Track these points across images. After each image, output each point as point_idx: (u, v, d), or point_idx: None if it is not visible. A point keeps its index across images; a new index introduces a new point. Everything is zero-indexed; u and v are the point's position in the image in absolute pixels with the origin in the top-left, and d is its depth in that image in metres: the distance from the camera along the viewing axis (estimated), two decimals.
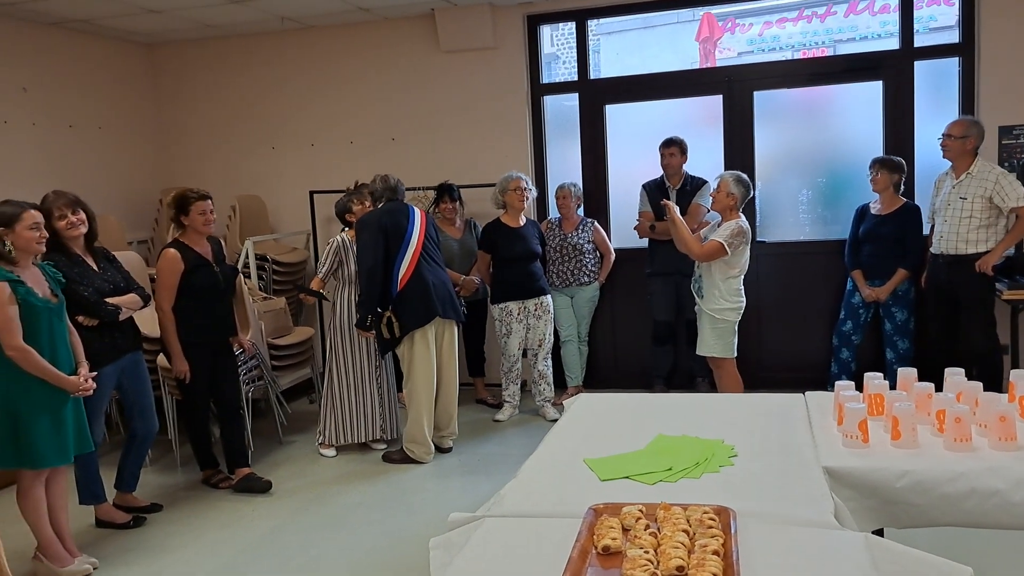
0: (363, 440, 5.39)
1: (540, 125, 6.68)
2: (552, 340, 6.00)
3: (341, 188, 6.50)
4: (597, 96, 6.54)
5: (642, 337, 6.47)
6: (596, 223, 6.32)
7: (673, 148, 5.94)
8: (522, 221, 5.88)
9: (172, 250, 4.61)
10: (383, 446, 5.49)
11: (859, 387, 3.10)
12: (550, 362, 6.02)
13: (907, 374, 3.09)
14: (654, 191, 6.04)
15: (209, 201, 4.66)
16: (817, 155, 6.21)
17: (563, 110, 6.73)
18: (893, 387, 3.10)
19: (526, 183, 5.82)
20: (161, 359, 5.08)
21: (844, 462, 2.62)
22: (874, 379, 3.03)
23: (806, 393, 3.42)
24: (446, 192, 6.11)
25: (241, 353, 5.16)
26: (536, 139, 6.68)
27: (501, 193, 5.85)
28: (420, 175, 6.62)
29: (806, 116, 6.25)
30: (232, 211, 6.85)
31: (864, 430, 2.73)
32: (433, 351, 5.13)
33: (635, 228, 6.11)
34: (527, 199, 5.85)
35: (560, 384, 6.42)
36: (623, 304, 6.59)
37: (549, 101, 6.72)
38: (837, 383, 3.07)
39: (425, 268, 5.06)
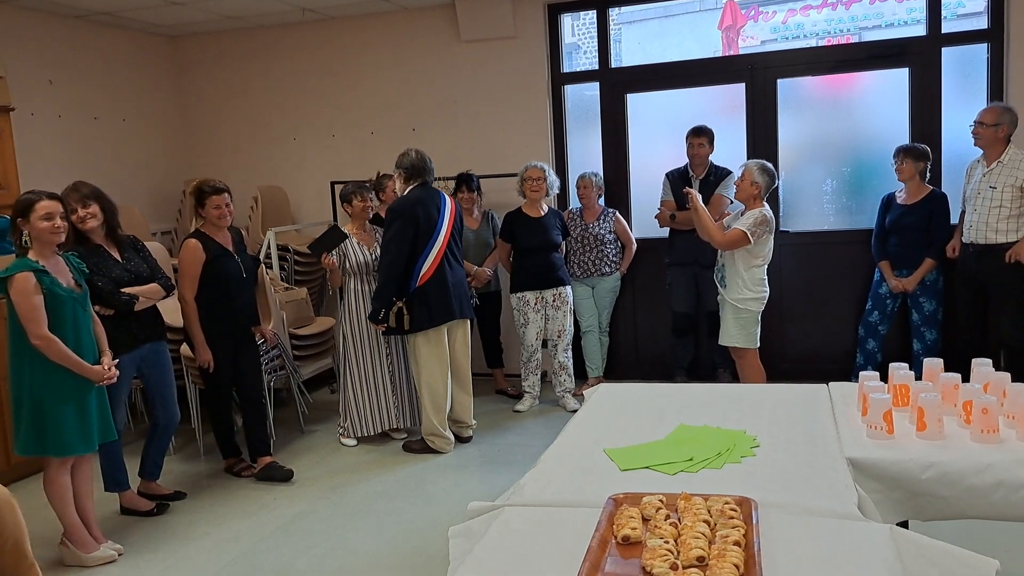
0: (380, 430, 5.40)
1: (561, 114, 6.65)
2: (572, 331, 5.98)
3: (362, 179, 6.51)
4: (618, 85, 6.50)
5: (663, 328, 6.45)
6: (617, 213, 6.29)
7: (703, 138, 5.89)
8: (543, 211, 5.86)
9: (193, 240, 4.63)
10: (403, 435, 5.50)
11: (884, 379, 3.06)
12: (570, 353, 6.00)
13: (933, 364, 3.05)
14: (677, 180, 6.00)
15: (226, 195, 4.67)
16: (842, 144, 6.14)
17: (584, 99, 6.70)
18: (920, 379, 3.06)
19: (545, 173, 5.79)
20: (185, 348, 5.11)
21: (868, 453, 2.60)
22: (899, 369, 2.99)
23: (830, 384, 3.39)
24: (464, 182, 6.09)
25: (263, 343, 5.18)
26: (557, 128, 6.65)
27: (519, 183, 5.85)
28: (440, 166, 6.56)
29: (831, 104, 6.19)
30: (254, 202, 6.88)
31: (889, 421, 2.69)
32: (446, 347, 5.11)
33: (656, 217, 6.08)
34: (548, 192, 5.83)
35: (581, 375, 6.40)
36: (644, 294, 6.56)
37: (570, 90, 6.69)
38: (861, 373, 3.04)
39: (447, 266, 5.03)
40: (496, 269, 6.21)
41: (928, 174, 5.48)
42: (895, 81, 5.95)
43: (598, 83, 6.55)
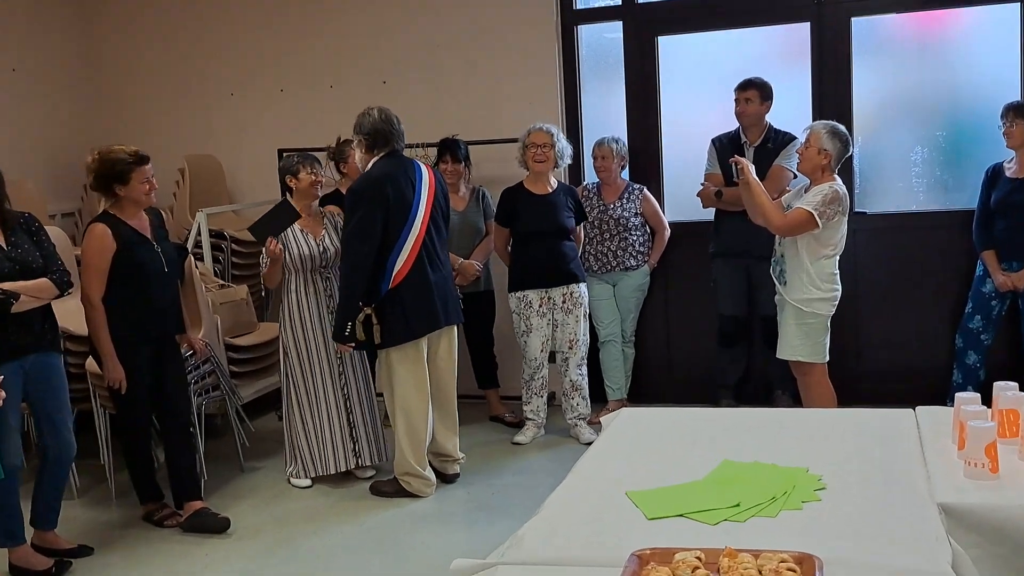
0: (341, 468, 5.40)
1: (574, 64, 6.65)
2: (587, 341, 5.99)
3: (319, 145, 6.51)
4: (647, 25, 6.50)
5: (705, 337, 6.45)
6: (645, 190, 6.29)
7: (751, 91, 5.89)
8: (551, 186, 5.86)
9: (100, 225, 4.62)
10: (371, 474, 5.50)
11: (988, 402, 3.06)
12: (585, 369, 6.01)
13: None
14: (726, 148, 6.00)
15: (149, 165, 4.67)
16: (935, 101, 6.14)
17: (603, 44, 6.70)
18: None
19: (554, 138, 5.79)
20: (91, 363, 5.11)
21: (966, 497, 2.62)
22: (1007, 390, 3.01)
23: (917, 408, 3.39)
24: (448, 149, 6.10)
25: (191, 356, 5.18)
26: (568, 82, 6.65)
27: (520, 150, 5.86)
28: (419, 128, 6.57)
29: (920, 50, 6.18)
30: (180, 175, 6.89)
31: (993, 456, 2.71)
32: (425, 362, 5.10)
33: (698, 195, 6.08)
34: (558, 162, 5.83)
35: (599, 397, 6.41)
36: (680, 294, 6.56)
37: (585, 32, 6.68)
38: (958, 395, 3.04)
39: (427, 259, 4.99)
40: (488, 263, 6.20)
41: None
42: (1005, 19, 5.94)
43: (621, 22, 6.55)
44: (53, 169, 7.15)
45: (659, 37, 6.50)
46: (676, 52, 6.54)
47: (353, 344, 4.99)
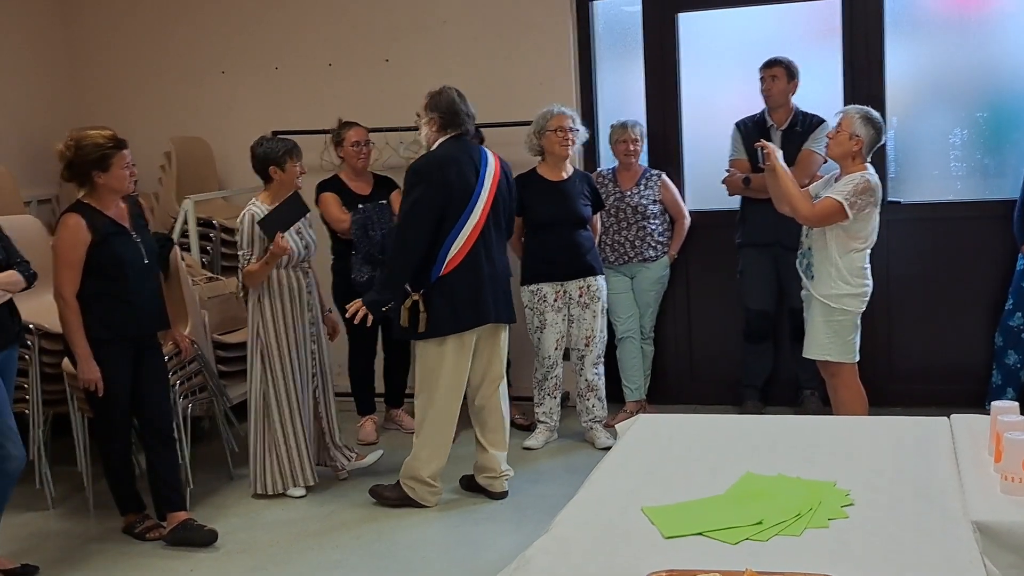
0: (313, 481, 5.43)
1: (588, 41, 6.66)
2: (605, 338, 6.00)
3: (316, 128, 6.52)
4: (667, 1, 6.50)
5: (729, 333, 6.47)
6: (664, 176, 6.30)
7: (777, 69, 5.92)
8: (567, 173, 5.88)
9: (74, 216, 4.63)
10: (344, 476, 5.61)
11: None
12: (602, 369, 6.03)
13: None
14: (751, 131, 6.02)
15: (128, 150, 4.70)
16: (975, 81, 6.14)
17: (621, 20, 6.72)
18: None
19: (572, 121, 5.80)
20: (67, 363, 5.13)
21: (1003, 515, 2.64)
22: None
23: (952, 416, 3.40)
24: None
25: (176, 354, 5.21)
26: (583, 61, 6.66)
27: (537, 135, 5.84)
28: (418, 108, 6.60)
29: (960, 26, 6.18)
30: (166, 159, 6.90)
31: None
32: (468, 362, 5.07)
33: (723, 182, 6.08)
34: (573, 144, 5.83)
35: (615, 398, 6.43)
36: (703, 287, 6.59)
37: (601, 8, 6.70)
38: (994, 404, 3.06)
39: (483, 251, 4.98)
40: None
41: None
42: None
43: None
44: (28, 153, 7.13)
45: (680, 14, 6.51)
46: (698, 30, 6.56)
47: (371, 321, 4.98)
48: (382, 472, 5.56)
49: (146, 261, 4.78)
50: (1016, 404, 3.04)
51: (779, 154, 5.06)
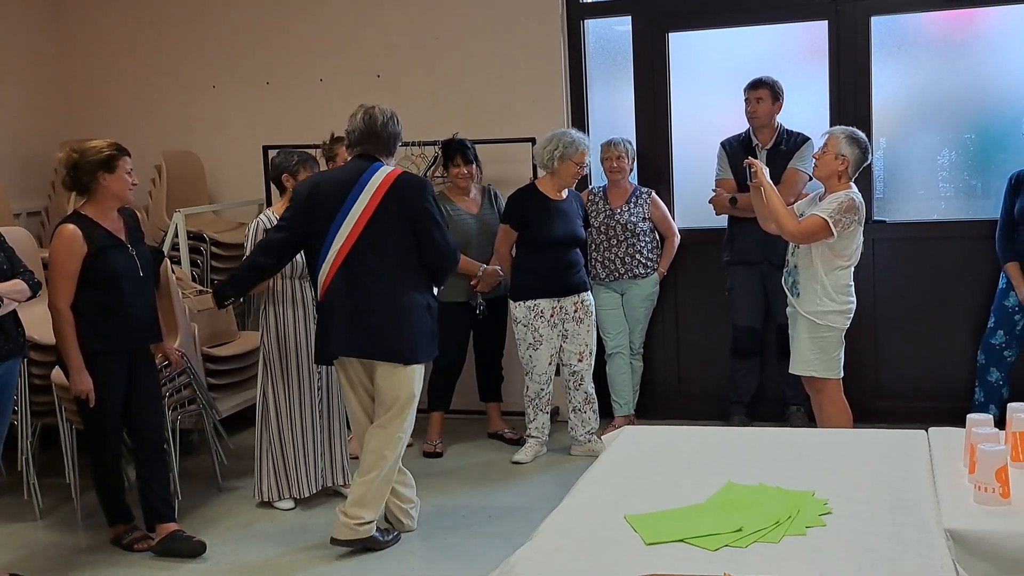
0: (316, 488, 5.46)
1: (580, 60, 6.74)
2: (595, 351, 6.08)
3: (306, 142, 6.59)
4: (657, 21, 6.59)
5: (717, 350, 6.54)
6: (654, 194, 6.38)
7: (761, 91, 6.00)
8: (564, 192, 5.98)
9: (70, 227, 4.64)
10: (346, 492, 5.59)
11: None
12: (592, 383, 6.10)
13: None
14: (737, 151, 6.10)
15: (130, 158, 4.76)
16: (961, 103, 6.22)
17: (612, 38, 6.80)
18: None
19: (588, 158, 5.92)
20: (57, 374, 5.15)
21: (976, 524, 2.70)
22: (1020, 412, 3.08)
23: (930, 430, 3.47)
24: (458, 151, 6.15)
25: (166, 367, 5.24)
26: (574, 79, 6.74)
27: (559, 158, 5.78)
28: (416, 125, 6.59)
29: (947, 50, 6.27)
30: (157, 173, 6.94)
31: (1004, 481, 2.79)
32: (352, 393, 4.90)
33: (711, 202, 6.17)
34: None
35: (605, 413, 6.46)
36: (692, 303, 6.65)
37: (592, 26, 6.79)
38: (969, 416, 3.13)
39: (351, 278, 4.68)
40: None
41: None
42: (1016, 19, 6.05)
43: (630, 17, 6.64)
44: (19, 165, 7.19)
45: (670, 33, 6.59)
46: (688, 50, 6.64)
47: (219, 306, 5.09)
48: None
49: (141, 274, 4.80)
50: (990, 417, 3.11)
51: (766, 171, 5.14)
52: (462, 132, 6.37)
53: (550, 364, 5.99)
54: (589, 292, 6.02)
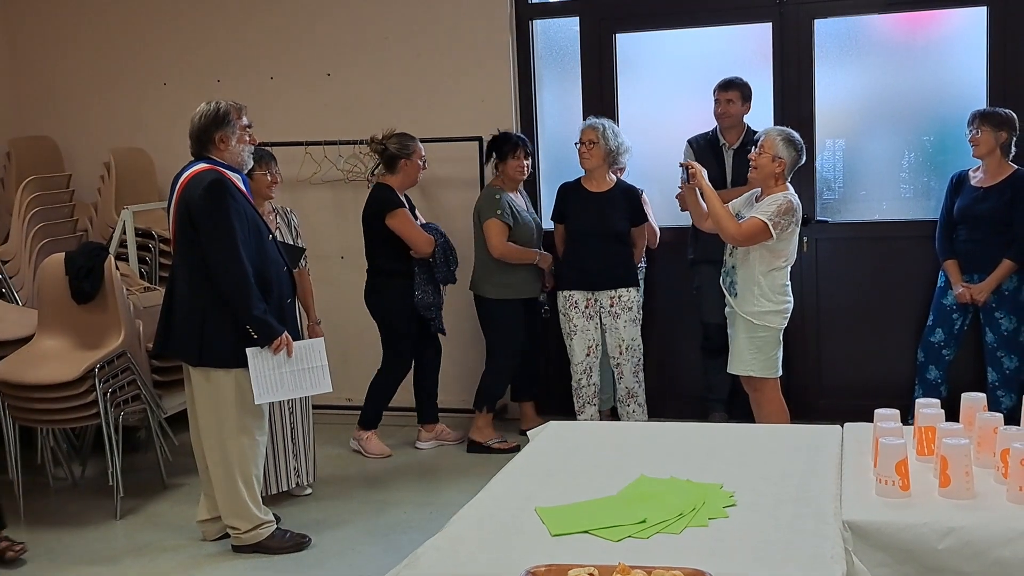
0: (283, 488, 5.49)
1: (528, 59, 6.80)
2: (641, 346, 6.14)
3: (259, 140, 6.60)
4: (604, 22, 6.67)
5: (691, 348, 6.61)
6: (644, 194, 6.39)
7: (732, 92, 6.08)
8: (610, 182, 6.06)
9: None
10: (308, 491, 5.65)
11: (955, 417, 3.23)
12: (642, 375, 6.16)
13: (973, 401, 3.23)
14: (704, 149, 6.18)
15: None
16: (902, 106, 6.30)
17: (560, 38, 6.87)
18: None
19: (596, 134, 5.94)
20: None
21: (874, 515, 2.78)
22: (926, 407, 3.16)
23: (845, 425, 3.54)
24: (519, 145, 6.18)
25: (108, 363, 5.29)
26: (523, 78, 6.81)
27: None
28: (365, 123, 6.65)
29: (885, 53, 6.35)
30: (105, 170, 6.94)
31: (904, 474, 2.87)
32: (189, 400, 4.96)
33: (677, 197, 6.20)
34: (617, 159, 6.05)
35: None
36: (662, 304, 6.71)
37: (541, 26, 6.85)
38: (877, 411, 3.20)
39: (171, 279, 4.83)
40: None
41: (1014, 149, 5.65)
42: (974, 23, 6.11)
43: (578, 18, 6.72)
44: None
45: (617, 34, 6.67)
46: (636, 50, 6.71)
47: None
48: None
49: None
50: (897, 412, 3.18)
51: (704, 173, 5.20)
52: (411, 130, 6.20)
53: (587, 355, 6.08)
54: (631, 288, 6.08)
